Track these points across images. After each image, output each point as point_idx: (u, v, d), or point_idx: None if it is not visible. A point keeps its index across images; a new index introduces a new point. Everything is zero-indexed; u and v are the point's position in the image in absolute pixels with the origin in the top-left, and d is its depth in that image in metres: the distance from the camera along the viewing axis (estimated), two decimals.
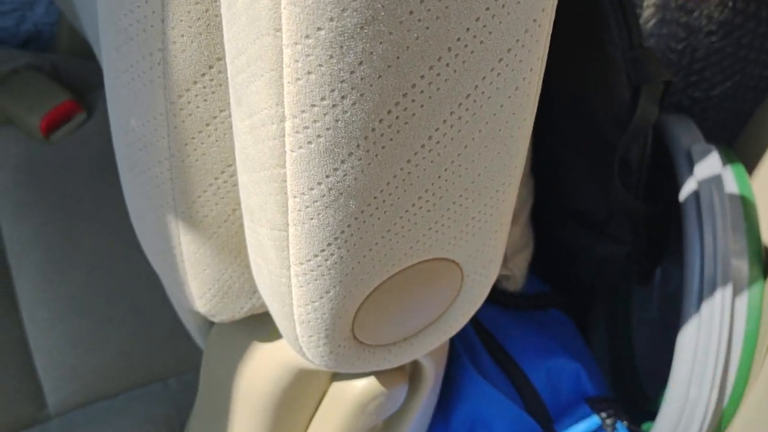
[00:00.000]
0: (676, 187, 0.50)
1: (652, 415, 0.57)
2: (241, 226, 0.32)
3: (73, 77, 0.75)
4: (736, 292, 0.47)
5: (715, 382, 0.45)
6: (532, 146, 0.53)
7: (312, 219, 0.24)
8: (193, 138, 0.28)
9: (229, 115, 0.28)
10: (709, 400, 0.45)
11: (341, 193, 0.23)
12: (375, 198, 0.24)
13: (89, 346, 0.55)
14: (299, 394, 0.40)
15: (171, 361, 0.55)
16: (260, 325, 0.39)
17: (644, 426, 0.56)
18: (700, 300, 0.45)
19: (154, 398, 0.52)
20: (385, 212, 0.25)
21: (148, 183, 0.30)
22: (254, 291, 0.35)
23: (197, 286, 0.33)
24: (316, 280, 0.26)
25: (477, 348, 0.53)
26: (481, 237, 0.29)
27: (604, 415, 0.50)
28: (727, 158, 0.52)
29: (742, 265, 0.47)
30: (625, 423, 0.52)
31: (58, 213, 0.63)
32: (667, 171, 0.52)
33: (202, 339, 0.43)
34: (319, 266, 0.26)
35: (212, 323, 0.42)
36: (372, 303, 0.29)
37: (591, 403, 0.51)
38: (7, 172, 0.66)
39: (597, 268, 0.59)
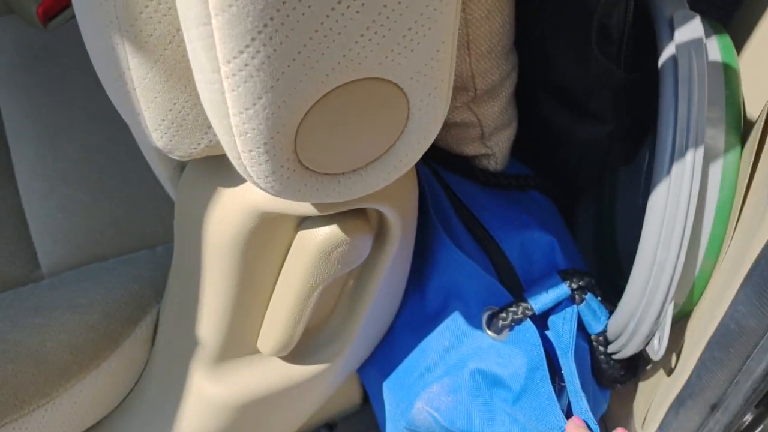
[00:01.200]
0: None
1: None
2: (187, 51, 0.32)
3: None
4: (709, 159, 0.46)
5: (683, 245, 0.45)
6: (516, 18, 0.52)
7: (231, 6, 0.24)
8: None
9: None
10: (677, 262, 0.45)
11: None
12: None
13: (82, 215, 0.57)
14: (265, 239, 0.42)
15: (159, 230, 0.57)
16: (226, 170, 0.40)
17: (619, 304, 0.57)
18: (671, 165, 0.45)
19: (141, 262, 0.54)
20: (309, 6, 0.25)
21: (93, 0, 0.30)
22: (209, 126, 0.36)
23: (151, 116, 0.34)
24: (246, 82, 0.27)
25: (453, 220, 0.54)
26: (421, 55, 0.30)
27: (574, 285, 0.51)
28: (713, 29, 0.51)
29: (717, 133, 0.47)
30: (598, 297, 0.53)
31: (54, 94, 0.65)
32: (653, 43, 0.51)
33: (173, 188, 0.44)
34: (246, 65, 0.26)
35: (182, 171, 0.43)
36: (313, 121, 0.30)
37: (562, 275, 0.52)
38: (6, 57, 0.68)
39: (580, 152, 0.59)
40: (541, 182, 0.59)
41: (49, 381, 0.46)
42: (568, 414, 0.51)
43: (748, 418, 0.53)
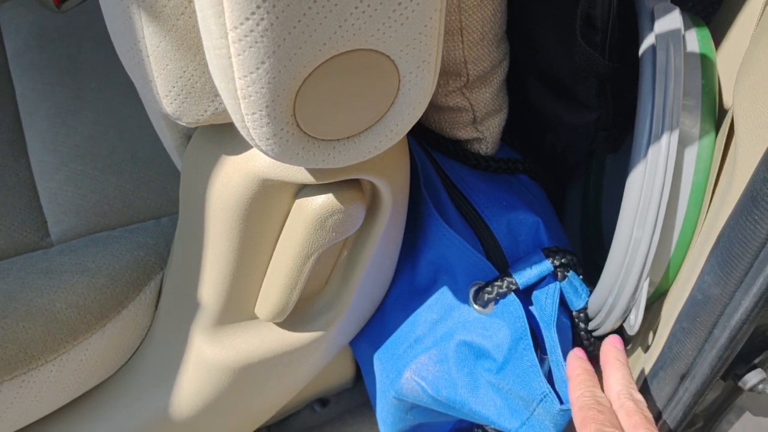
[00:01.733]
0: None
1: None
2: (197, 22, 0.35)
3: None
4: (684, 145, 0.49)
5: (657, 224, 0.48)
6: (507, 8, 0.55)
7: None
8: None
9: None
10: (651, 240, 0.48)
11: None
12: None
13: (91, 188, 0.60)
14: (265, 206, 0.44)
15: (165, 204, 0.59)
16: (229, 139, 0.43)
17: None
18: (647, 149, 0.48)
19: (147, 231, 0.57)
20: None
21: None
22: (216, 94, 0.38)
23: (162, 82, 0.37)
24: (251, 47, 0.30)
25: (444, 199, 0.56)
26: (410, 29, 0.32)
27: (556, 262, 0.54)
28: (693, 22, 0.53)
29: (693, 120, 0.50)
30: (580, 276, 0.56)
31: (66, 74, 0.68)
32: (637, 33, 0.54)
33: (180, 157, 0.47)
34: (251, 31, 0.29)
35: (188, 141, 0.46)
36: (310, 88, 0.33)
37: (546, 252, 0.54)
38: (20, 38, 0.71)
39: (567, 137, 0.62)
40: (529, 166, 0.61)
41: (58, 338, 0.49)
42: (551, 384, 0.53)
43: (721, 395, 0.56)
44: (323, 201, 0.44)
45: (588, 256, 0.65)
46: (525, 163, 0.61)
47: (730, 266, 0.39)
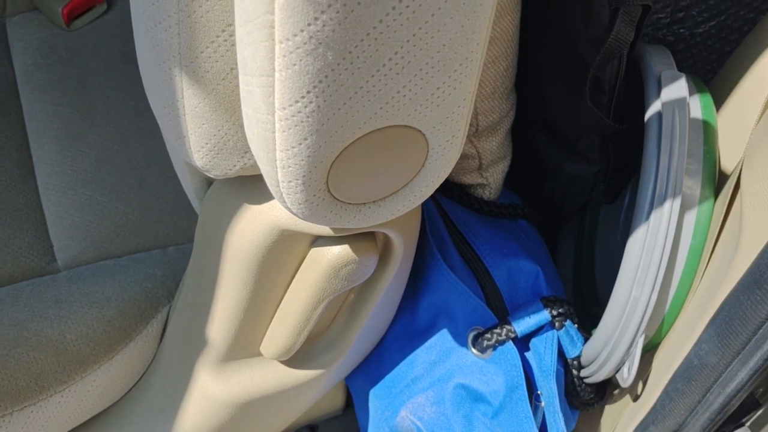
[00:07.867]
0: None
1: None
2: (237, 86, 0.36)
3: None
4: (685, 208, 0.51)
5: (656, 284, 0.50)
6: (519, 63, 0.56)
7: (295, 65, 0.28)
8: None
9: None
10: (649, 300, 0.50)
11: (320, 43, 0.28)
12: (350, 53, 0.28)
13: (98, 214, 0.60)
14: (281, 253, 0.45)
15: (172, 233, 0.60)
16: (251, 188, 0.44)
17: (594, 331, 0.61)
18: (650, 211, 0.50)
19: (154, 261, 0.57)
20: (358, 68, 0.29)
21: (158, 36, 0.34)
22: (246, 151, 0.39)
23: (196, 139, 0.38)
24: (296, 126, 0.31)
25: (447, 244, 0.58)
26: (445, 109, 0.34)
27: (554, 312, 0.56)
28: (697, 88, 0.56)
29: (694, 184, 0.52)
30: (576, 324, 0.58)
31: (75, 96, 0.68)
32: (642, 97, 0.56)
33: (198, 200, 0.47)
34: (299, 112, 0.30)
35: (208, 185, 0.47)
36: (345, 159, 0.34)
37: (544, 301, 0.56)
38: (30, 56, 0.71)
39: (566, 186, 0.63)
40: (529, 212, 0.63)
41: (67, 370, 0.49)
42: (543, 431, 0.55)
43: None
44: (338, 251, 0.45)
45: (579, 302, 0.67)
46: (525, 208, 0.63)
47: (728, 339, 0.41)
